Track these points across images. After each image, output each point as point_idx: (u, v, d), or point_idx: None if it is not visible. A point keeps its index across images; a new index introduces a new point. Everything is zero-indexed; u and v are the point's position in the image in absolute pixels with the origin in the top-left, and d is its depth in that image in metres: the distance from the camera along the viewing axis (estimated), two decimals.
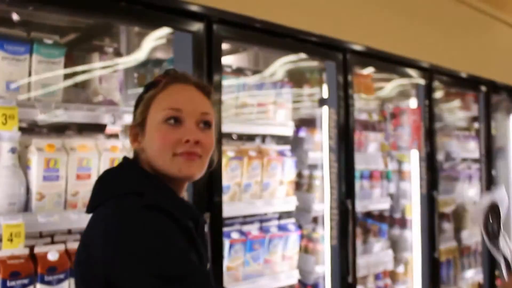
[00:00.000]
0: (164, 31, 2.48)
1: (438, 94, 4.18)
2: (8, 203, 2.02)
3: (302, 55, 3.05)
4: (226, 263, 2.86)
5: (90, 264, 1.26)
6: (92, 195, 1.39)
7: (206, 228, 2.28)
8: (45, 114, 2.13)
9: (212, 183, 2.44)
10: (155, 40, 2.68)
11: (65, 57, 2.26)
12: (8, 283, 2.03)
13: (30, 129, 2.42)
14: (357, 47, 3.16)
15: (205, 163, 1.40)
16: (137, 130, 1.40)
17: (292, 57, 3.17)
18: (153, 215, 1.24)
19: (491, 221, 0.97)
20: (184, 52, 2.38)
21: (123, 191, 1.31)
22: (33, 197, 2.12)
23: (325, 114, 3.15)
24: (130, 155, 1.47)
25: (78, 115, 2.24)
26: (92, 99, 2.41)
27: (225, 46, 3.32)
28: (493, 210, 0.97)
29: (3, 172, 2.02)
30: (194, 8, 2.32)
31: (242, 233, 3.00)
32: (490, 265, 4.72)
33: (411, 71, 3.69)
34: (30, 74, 2.13)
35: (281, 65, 3.28)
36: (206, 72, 2.40)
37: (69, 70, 2.35)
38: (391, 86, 3.75)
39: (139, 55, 2.68)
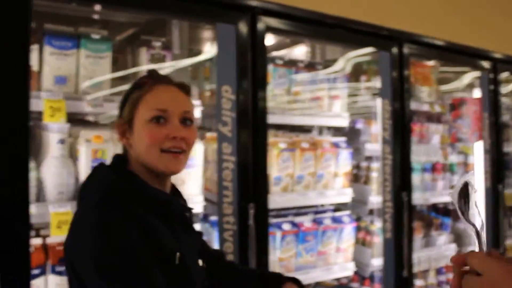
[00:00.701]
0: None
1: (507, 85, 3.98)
2: (58, 192, 2.12)
3: (368, 49, 3.00)
4: (277, 254, 2.88)
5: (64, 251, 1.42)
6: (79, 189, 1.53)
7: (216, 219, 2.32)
8: (92, 107, 2.23)
9: (256, 174, 2.45)
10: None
11: (116, 52, 2.34)
12: (57, 269, 2.14)
13: (81, 121, 2.52)
14: (414, 38, 3.07)
15: (188, 157, 1.53)
16: (125, 127, 1.51)
17: (357, 51, 3.12)
18: (109, 213, 1.35)
19: (463, 198, 0.98)
20: (227, 44, 2.40)
21: (97, 188, 1.44)
22: None
23: (379, 106, 3.08)
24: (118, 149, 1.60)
25: None
26: None
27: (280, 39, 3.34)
28: (465, 189, 0.98)
29: (52, 163, 2.12)
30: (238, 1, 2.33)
31: (294, 224, 3.01)
32: None
33: (477, 62, 3.54)
34: (77, 69, 2.22)
35: (348, 59, 3.24)
36: (251, 64, 2.41)
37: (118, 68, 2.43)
38: (459, 79, 3.60)
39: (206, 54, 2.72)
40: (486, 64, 3.62)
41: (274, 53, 3.36)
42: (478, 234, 0.99)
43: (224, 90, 2.40)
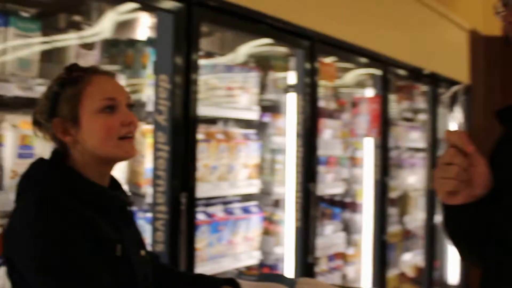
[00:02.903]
0: (129, 6, 2.47)
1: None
2: None
3: (267, 41, 3.12)
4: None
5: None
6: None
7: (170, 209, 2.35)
8: (21, 89, 2.11)
9: (188, 164, 2.47)
10: (118, 15, 2.64)
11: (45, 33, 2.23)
12: None
13: (4, 104, 2.36)
14: (324, 37, 3.26)
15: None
16: (67, 124, 1.48)
17: (258, 41, 3.22)
18: (48, 209, 1.38)
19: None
20: (165, 34, 2.39)
21: (36, 184, 1.45)
22: (7, 175, 2.09)
23: (292, 101, 3.23)
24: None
25: None
26: None
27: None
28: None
29: None
30: None
31: (208, 214, 3.05)
32: (431, 248, 4.99)
33: (370, 62, 3.84)
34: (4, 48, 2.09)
35: (248, 49, 3.33)
36: (185, 53, 2.43)
37: (45, 46, 2.31)
38: (351, 76, 3.88)
39: (101, 30, 2.62)
40: (378, 65, 3.95)
41: None
42: None
43: (161, 79, 2.39)
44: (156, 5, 2.36)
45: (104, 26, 2.59)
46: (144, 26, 3.00)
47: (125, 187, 1.84)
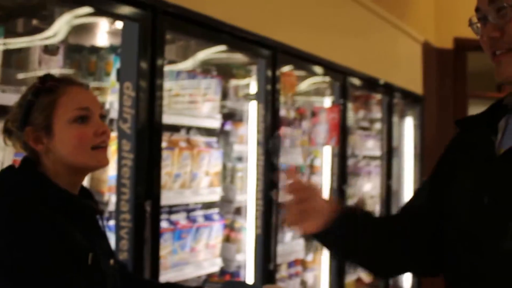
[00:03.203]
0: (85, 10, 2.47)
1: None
2: None
3: (222, 48, 3.16)
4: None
5: None
6: None
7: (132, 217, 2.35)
8: None
9: (152, 171, 2.48)
10: (74, 19, 2.62)
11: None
12: None
13: None
14: (285, 47, 3.32)
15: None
16: (40, 133, 1.49)
17: (218, 48, 3.24)
18: (20, 216, 1.39)
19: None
20: (131, 42, 2.40)
21: (7, 191, 1.45)
22: None
23: (253, 109, 3.27)
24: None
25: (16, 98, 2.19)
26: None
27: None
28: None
29: None
30: None
31: (171, 222, 3.06)
32: None
33: (329, 72, 3.93)
34: None
35: (206, 55, 3.35)
36: (150, 59, 2.44)
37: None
38: (310, 84, 3.96)
39: (56, 32, 2.60)
40: (337, 75, 4.05)
41: None
42: None
43: (125, 87, 2.39)
44: (112, 11, 2.34)
45: (59, 29, 2.57)
46: (104, 32, 3.00)
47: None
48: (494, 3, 1.26)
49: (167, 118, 2.95)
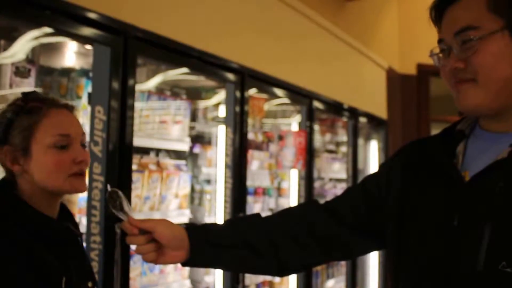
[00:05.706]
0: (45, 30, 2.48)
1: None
2: None
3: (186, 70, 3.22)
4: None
5: None
6: None
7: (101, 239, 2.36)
8: None
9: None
10: (31, 40, 2.61)
11: None
12: None
13: None
14: (253, 71, 3.41)
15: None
16: (17, 153, 1.48)
17: (181, 70, 3.28)
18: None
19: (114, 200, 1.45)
20: (102, 66, 2.44)
21: None
22: None
23: (222, 132, 3.33)
24: None
25: None
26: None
27: None
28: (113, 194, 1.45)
29: None
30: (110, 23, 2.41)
31: None
32: (352, 275, 5.18)
33: (296, 96, 4.03)
34: None
35: (170, 76, 3.39)
36: (121, 82, 2.48)
37: None
38: (277, 108, 4.04)
39: (15, 52, 2.59)
40: (302, 99, 4.15)
41: None
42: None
43: (97, 111, 2.43)
44: (75, 32, 2.36)
45: (21, 48, 2.55)
46: (72, 53, 3.01)
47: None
48: (459, 35, 1.25)
49: (138, 141, 3.00)
